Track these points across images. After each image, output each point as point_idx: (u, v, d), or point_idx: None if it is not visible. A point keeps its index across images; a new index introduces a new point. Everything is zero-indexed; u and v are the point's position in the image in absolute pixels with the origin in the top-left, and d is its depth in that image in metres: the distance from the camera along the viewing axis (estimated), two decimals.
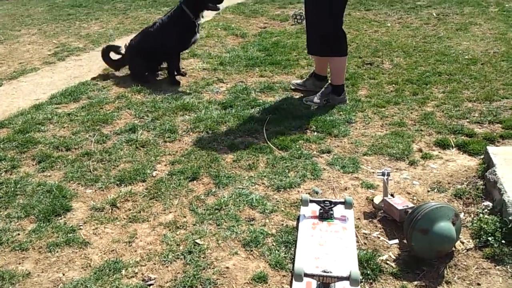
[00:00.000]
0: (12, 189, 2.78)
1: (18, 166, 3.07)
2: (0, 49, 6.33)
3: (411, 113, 3.66)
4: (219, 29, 6.71)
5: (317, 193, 2.68)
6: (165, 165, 3.04)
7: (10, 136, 3.46)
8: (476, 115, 3.55)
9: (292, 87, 4.21)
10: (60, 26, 7.66)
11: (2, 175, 2.97)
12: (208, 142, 3.30)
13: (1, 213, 2.58)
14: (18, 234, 2.41)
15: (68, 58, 5.68)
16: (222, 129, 3.50)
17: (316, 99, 3.85)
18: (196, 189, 2.76)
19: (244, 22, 7.22)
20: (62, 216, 2.54)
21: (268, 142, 3.26)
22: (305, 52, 5.26)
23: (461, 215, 2.40)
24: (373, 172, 2.85)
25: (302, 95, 4.08)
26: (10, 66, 5.49)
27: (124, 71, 4.82)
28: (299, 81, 4.24)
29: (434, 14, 6.87)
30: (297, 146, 3.20)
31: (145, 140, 3.35)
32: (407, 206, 2.36)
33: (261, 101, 3.96)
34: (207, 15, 7.71)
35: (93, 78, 4.72)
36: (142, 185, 2.82)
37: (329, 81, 3.91)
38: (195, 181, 2.84)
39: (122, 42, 6.33)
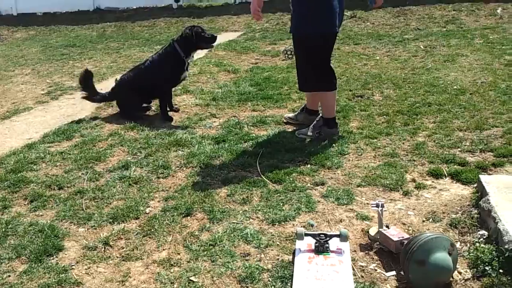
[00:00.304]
0: (3, 229, 2.74)
1: (9, 206, 3.03)
2: None
3: (403, 143, 3.69)
4: (211, 65, 6.82)
5: (312, 226, 2.66)
6: (159, 201, 3.02)
7: (1, 176, 3.44)
8: (467, 144, 3.59)
9: (285, 121, 4.25)
10: (53, 65, 7.76)
11: None
12: (202, 177, 3.29)
13: None
14: (9, 276, 2.35)
15: (61, 97, 5.73)
16: (215, 163, 3.50)
17: (309, 132, 3.88)
18: (190, 225, 2.73)
19: (236, 58, 7.35)
20: (54, 256, 2.49)
21: (262, 175, 3.26)
22: (296, 86, 5.34)
23: (457, 245, 2.39)
24: (368, 204, 2.84)
25: (294, 128, 4.11)
26: (3, 106, 5.52)
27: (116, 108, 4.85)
28: (291, 114, 4.28)
29: (422, 47, 7.04)
30: (291, 179, 3.20)
31: (138, 177, 3.33)
32: (403, 237, 2.34)
33: (254, 135, 3.99)
34: (200, 53, 7.87)
35: (86, 116, 4.74)
36: (135, 223, 2.79)
37: (321, 114, 3.95)
38: (189, 217, 2.81)
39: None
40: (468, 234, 2.50)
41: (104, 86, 6.11)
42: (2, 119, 4.96)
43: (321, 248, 2.34)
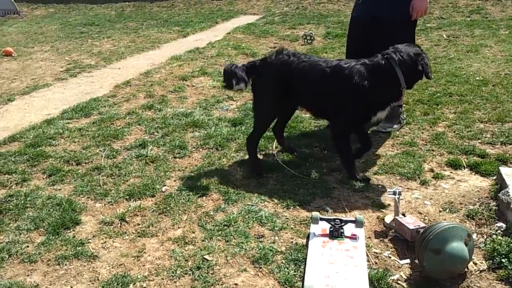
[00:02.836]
0: (22, 201, 2.79)
1: (28, 179, 3.08)
2: (13, 65, 6.44)
3: (422, 133, 3.64)
4: (229, 48, 6.78)
5: (327, 211, 2.65)
6: (175, 181, 3.04)
7: (21, 149, 3.49)
8: (488, 136, 3.52)
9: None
10: (72, 43, 7.80)
11: (13, 187, 2.99)
12: (218, 159, 3.30)
13: (11, 225, 2.58)
14: (27, 246, 2.40)
15: (80, 74, 5.76)
16: (231, 146, 3.50)
17: (394, 125, 3.71)
18: (205, 205, 2.74)
19: (254, 42, 7.30)
20: (71, 229, 2.53)
21: (278, 159, 3.25)
22: None
23: (474, 236, 2.36)
24: (384, 191, 2.82)
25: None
26: (23, 81, 5.58)
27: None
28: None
29: (445, 36, 6.90)
30: (307, 164, 3.18)
31: (155, 156, 3.35)
32: (419, 225, 2.32)
33: None
34: (218, 35, 7.84)
35: (104, 94, 4.77)
36: (151, 200, 2.81)
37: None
38: (204, 197, 2.82)
39: (134, 60, 6.45)
40: (485, 226, 2.47)
41: (122, 65, 6.15)
42: (22, 94, 5.02)
43: (335, 233, 2.34)
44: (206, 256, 2.28)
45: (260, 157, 3.32)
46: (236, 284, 2.11)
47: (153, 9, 11.45)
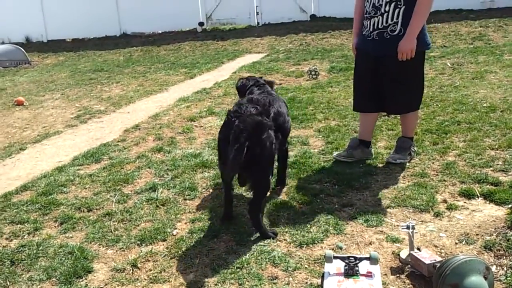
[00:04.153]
0: (35, 251, 2.78)
1: (40, 228, 3.09)
2: (25, 114, 6.59)
3: (433, 163, 3.61)
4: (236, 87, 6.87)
5: (341, 248, 2.61)
6: (186, 223, 3.03)
7: (33, 198, 3.51)
8: (500, 163, 3.48)
9: (340, 159, 3.78)
10: (82, 90, 7.98)
11: (25, 237, 2.99)
12: None
13: (23, 276, 2.57)
14: None
15: (90, 120, 5.87)
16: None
17: (403, 157, 3.65)
18: (217, 247, 2.71)
19: None
20: (84, 278, 2.51)
21: (288, 197, 3.23)
22: (321, 106, 5.34)
23: (493, 268, 2.29)
24: (398, 225, 2.78)
25: (321, 149, 4.08)
26: (34, 130, 5.69)
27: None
28: (342, 152, 3.84)
29: (449, 64, 6.96)
30: (318, 200, 3.16)
31: (166, 199, 3.35)
32: (435, 260, 2.27)
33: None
34: (224, 74, 7.99)
35: (114, 139, 4.84)
36: (163, 245, 2.79)
37: (403, 136, 3.77)
38: (215, 239, 2.80)
39: (143, 103, 6.57)
40: (504, 257, 2.40)
41: (132, 109, 6.26)
42: (34, 142, 5.11)
43: (350, 271, 2.29)
44: None
45: (271, 195, 3.29)
46: None
47: (160, 52, 11.75)
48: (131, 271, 2.55)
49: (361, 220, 2.87)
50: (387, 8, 3.42)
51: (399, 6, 3.39)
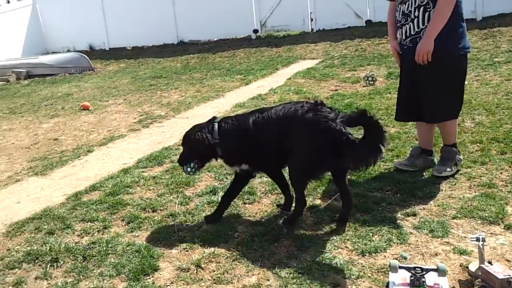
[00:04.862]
0: (104, 248, 2.93)
1: (109, 226, 3.24)
2: (91, 118, 6.94)
3: (501, 173, 3.46)
4: (291, 93, 6.91)
5: (405, 258, 2.55)
6: (246, 227, 3.07)
7: (101, 198, 3.70)
8: None
9: (401, 168, 3.69)
10: (143, 95, 8.29)
11: (95, 235, 3.15)
12: None
13: (94, 271, 2.71)
14: None
15: (152, 125, 6.09)
16: None
17: (447, 168, 3.47)
18: (278, 252, 2.74)
19: (315, 85, 7.40)
20: (151, 276, 2.61)
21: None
22: (380, 112, 5.25)
23: None
24: (465, 237, 2.68)
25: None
26: (100, 133, 5.98)
27: None
28: (403, 161, 3.76)
29: None
30: (380, 208, 3.11)
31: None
32: (509, 275, 2.17)
33: None
34: (279, 81, 8.04)
35: (175, 143, 4.99)
36: (225, 246, 2.85)
37: (445, 144, 3.60)
38: (276, 243, 2.82)
39: (201, 109, 6.73)
40: None
41: (190, 114, 6.44)
42: (100, 145, 5.37)
43: (417, 282, 2.25)
44: None
45: (330, 201, 3.29)
46: None
47: (216, 59, 11.99)
48: (195, 271, 2.62)
49: (425, 230, 2.79)
50: (416, 14, 3.34)
51: (428, 9, 3.30)
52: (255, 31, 13.49)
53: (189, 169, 3.14)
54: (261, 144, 2.96)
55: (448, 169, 3.48)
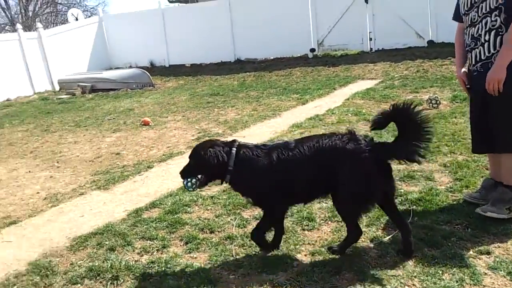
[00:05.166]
0: (163, 268, 2.94)
1: (168, 246, 3.26)
2: (151, 133, 7.13)
3: None
4: (349, 114, 6.78)
5: None
6: (305, 256, 2.98)
7: (161, 216, 3.74)
8: None
9: (471, 200, 3.47)
10: (201, 113, 8.44)
11: (154, 253, 3.18)
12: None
13: None
14: None
15: None
16: (362, 221, 3.36)
17: (498, 211, 3.14)
18: (339, 285, 2.62)
19: (375, 107, 7.21)
20: None
21: (414, 237, 3.03)
22: (446, 138, 5.02)
23: None
24: None
25: (448, 185, 3.79)
26: (160, 149, 6.11)
27: None
28: (473, 193, 3.54)
29: None
30: (449, 244, 2.92)
31: (284, 228, 3.34)
32: None
33: (402, 190, 3.78)
34: (336, 101, 7.92)
35: None
36: (284, 275, 2.77)
37: (503, 183, 3.28)
38: (338, 276, 2.71)
39: (257, 128, 6.74)
40: None
41: (247, 133, 6.46)
42: (159, 161, 5.48)
43: None
44: None
45: (395, 233, 3.13)
46: None
47: (272, 78, 12.05)
48: None
49: (503, 272, 2.58)
50: (487, 37, 3.13)
51: (500, 33, 3.07)
52: (312, 50, 13.46)
53: (189, 184, 2.95)
54: (285, 181, 2.84)
55: (498, 212, 3.13)
